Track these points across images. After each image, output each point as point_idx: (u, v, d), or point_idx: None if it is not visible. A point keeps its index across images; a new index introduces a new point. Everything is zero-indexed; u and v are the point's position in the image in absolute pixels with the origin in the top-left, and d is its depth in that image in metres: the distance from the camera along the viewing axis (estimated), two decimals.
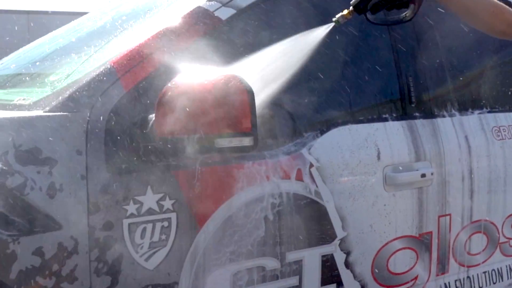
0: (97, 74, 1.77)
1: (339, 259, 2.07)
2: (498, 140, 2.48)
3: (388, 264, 2.20)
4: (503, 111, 2.57)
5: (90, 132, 1.66)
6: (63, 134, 1.63)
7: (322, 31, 1.93)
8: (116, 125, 1.69)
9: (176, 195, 1.75)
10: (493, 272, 2.51)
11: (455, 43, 2.46)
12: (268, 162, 1.91)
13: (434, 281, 2.33)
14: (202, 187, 1.79)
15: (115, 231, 1.66)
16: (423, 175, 2.23)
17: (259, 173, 1.89)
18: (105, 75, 1.76)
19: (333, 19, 1.92)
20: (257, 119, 1.67)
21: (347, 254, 2.09)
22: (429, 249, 2.29)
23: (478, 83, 2.56)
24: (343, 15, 1.91)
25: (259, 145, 1.73)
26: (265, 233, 1.89)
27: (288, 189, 1.94)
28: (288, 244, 1.95)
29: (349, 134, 2.11)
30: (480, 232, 2.44)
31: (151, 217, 1.71)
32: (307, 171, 1.98)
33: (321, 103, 2.13)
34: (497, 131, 2.49)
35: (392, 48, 2.32)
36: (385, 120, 2.22)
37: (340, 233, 2.05)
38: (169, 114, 1.63)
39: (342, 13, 1.91)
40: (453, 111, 2.41)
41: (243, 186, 1.86)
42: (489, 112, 2.51)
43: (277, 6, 2.12)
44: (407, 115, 2.28)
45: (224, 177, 1.84)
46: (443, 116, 2.37)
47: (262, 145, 1.87)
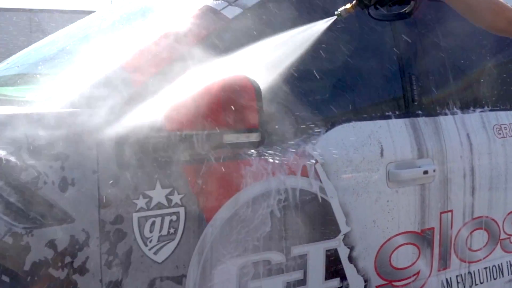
0: (107, 71, 1.81)
1: (343, 253, 2.10)
2: (499, 138, 2.50)
3: (390, 259, 2.23)
4: (504, 109, 2.59)
5: (101, 127, 1.69)
6: (75, 129, 1.67)
7: (322, 24, 1.93)
8: (126, 120, 1.72)
9: (184, 190, 1.78)
10: (494, 268, 2.54)
11: (457, 42, 2.48)
12: (274, 158, 1.95)
13: (435, 276, 2.36)
14: (209, 182, 1.82)
15: (125, 225, 1.69)
16: (426, 172, 2.25)
17: (265, 169, 1.92)
18: (115, 73, 1.80)
19: (336, 12, 1.93)
20: (264, 116, 1.71)
21: (351, 249, 2.12)
22: (431, 245, 2.32)
23: (479, 82, 2.58)
24: (346, 9, 1.91)
25: (265, 141, 1.77)
26: (271, 228, 1.92)
27: (293, 185, 1.97)
28: (293, 238, 1.98)
29: (353, 131, 2.14)
30: (481, 228, 2.47)
31: (160, 211, 1.74)
32: (312, 167, 2.01)
33: (326, 100, 2.16)
34: (498, 129, 2.52)
35: (395, 46, 2.34)
36: (388, 117, 2.24)
37: (344, 229, 2.09)
38: (179, 110, 1.67)
39: (345, 6, 1.92)
40: (455, 109, 2.44)
41: (250, 181, 1.89)
42: (490, 110, 2.54)
43: (283, 5, 2.14)
44: (410, 113, 2.31)
45: (231, 172, 1.87)
46: (445, 114, 2.40)
47: (268, 142, 1.90)
